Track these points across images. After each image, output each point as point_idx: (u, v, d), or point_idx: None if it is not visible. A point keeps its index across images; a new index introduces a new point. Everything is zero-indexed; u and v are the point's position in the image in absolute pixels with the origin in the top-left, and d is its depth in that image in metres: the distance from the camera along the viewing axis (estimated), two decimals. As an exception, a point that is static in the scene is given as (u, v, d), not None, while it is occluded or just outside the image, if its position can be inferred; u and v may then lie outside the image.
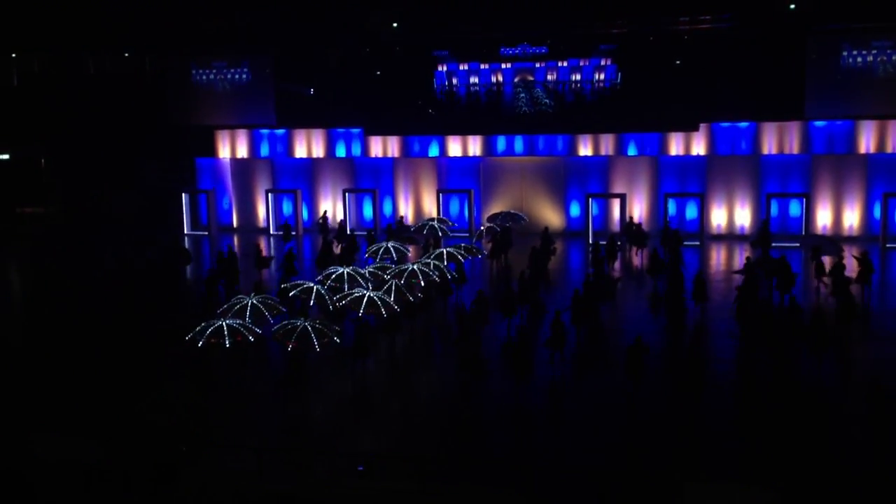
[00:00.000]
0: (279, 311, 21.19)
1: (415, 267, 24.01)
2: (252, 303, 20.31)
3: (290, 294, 22.41)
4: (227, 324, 18.64)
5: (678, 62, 41.06)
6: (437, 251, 27.12)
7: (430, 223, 33.48)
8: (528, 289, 24.65)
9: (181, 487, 11.64)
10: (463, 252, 26.98)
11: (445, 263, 25.55)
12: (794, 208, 36.66)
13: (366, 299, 20.62)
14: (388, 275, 23.71)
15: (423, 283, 23.90)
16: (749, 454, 14.42)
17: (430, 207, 40.57)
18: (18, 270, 36.77)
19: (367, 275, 23.67)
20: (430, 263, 24.85)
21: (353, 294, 21.19)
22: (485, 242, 34.08)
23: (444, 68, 45.75)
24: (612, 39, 43.68)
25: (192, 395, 16.96)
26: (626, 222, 35.81)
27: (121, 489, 12.05)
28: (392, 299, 21.10)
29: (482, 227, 34.98)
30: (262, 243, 34.24)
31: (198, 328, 18.65)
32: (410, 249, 31.24)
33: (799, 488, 12.78)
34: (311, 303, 22.05)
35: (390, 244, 27.81)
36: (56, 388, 19.10)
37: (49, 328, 24.82)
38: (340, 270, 23.55)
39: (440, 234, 33.11)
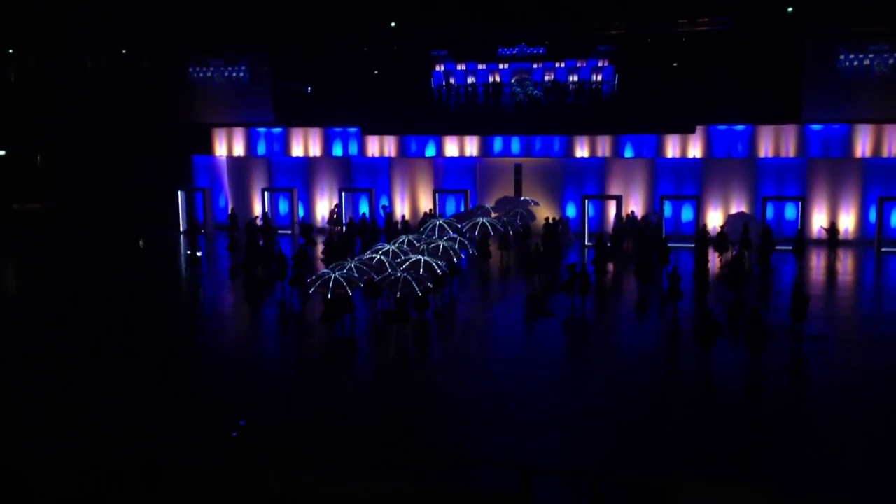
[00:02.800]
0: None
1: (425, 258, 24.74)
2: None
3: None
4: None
5: (675, 64, 41.18)
6: (433, 245, 27.32)
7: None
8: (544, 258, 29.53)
9: (173, 487, 11.63)
10: (456, 248, 27.59)
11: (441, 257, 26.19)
12: (790, 211, 36.73)
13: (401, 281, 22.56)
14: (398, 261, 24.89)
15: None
16: (747, 455, 14.46)
17: (427, 207, 40.58)
18: (13, 266, 36.71)
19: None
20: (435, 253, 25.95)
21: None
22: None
23: (442, 68, 45.86)
24: (610, 41, 43.83)
25: None
26: (700, 228, 33.36)
27: (114, 488, 12.04)
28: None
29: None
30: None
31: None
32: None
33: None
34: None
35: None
36: (51, 385, 19.09)
37: (43, 325, 24.81)
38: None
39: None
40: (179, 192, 42.69)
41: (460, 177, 40.77)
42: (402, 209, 41.05)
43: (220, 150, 44.28)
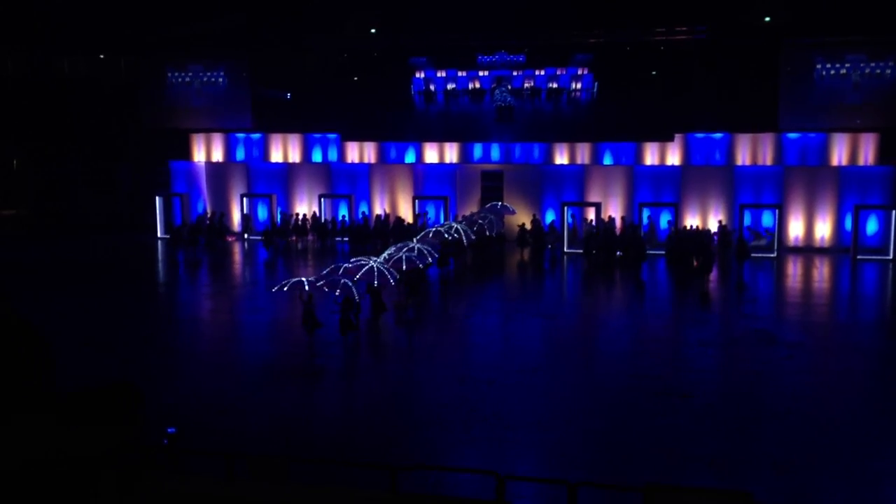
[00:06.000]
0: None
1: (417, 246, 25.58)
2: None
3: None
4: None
5: (654, 73, 41.43)
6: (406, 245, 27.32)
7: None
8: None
9: (148, 493, 11.51)
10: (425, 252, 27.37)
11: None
12: (767, 219, 37.02)
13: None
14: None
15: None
16: (720, 460, 14.51)
17: (407, 214, 40.57)
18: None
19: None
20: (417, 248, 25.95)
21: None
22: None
23: (422, 75, 45.87)
24: (589, 49, 44.01)
25: None
26: (721, 227, 35.76)
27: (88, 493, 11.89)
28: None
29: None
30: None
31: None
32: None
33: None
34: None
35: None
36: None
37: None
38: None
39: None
40: (157, 198, 42.45)
41: (440, 183, 40.80)
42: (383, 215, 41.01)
43: (199, 156, 44.09)
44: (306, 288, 21.00)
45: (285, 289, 20.98)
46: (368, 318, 23.91)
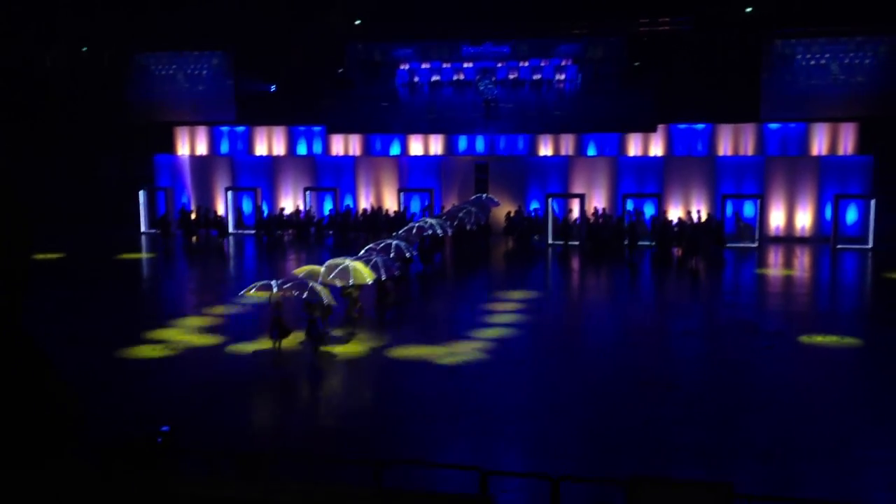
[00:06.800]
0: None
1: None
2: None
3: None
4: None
5: (637, 63, 41.60)
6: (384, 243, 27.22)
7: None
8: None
9: (135, 492, 11.63)
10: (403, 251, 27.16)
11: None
12: (749, 209, 37.32)
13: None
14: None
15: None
16: (703, 451, 14.76)
17: (392, 206, 40.63)
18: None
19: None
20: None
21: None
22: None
23: (407, 66, 45.82)
24: (573, 40, 44.09)
25: None
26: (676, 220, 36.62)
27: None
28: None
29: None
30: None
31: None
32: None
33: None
34: None
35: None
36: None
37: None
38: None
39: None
40: (141, 192, 42.28)
41: (425, 175, 40.86)
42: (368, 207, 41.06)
43: (183, 149, 43.97)
44: (275, 290, 19.40)
45: (251, 292, 19.55)
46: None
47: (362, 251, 24.32)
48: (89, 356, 19.79)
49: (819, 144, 37.94)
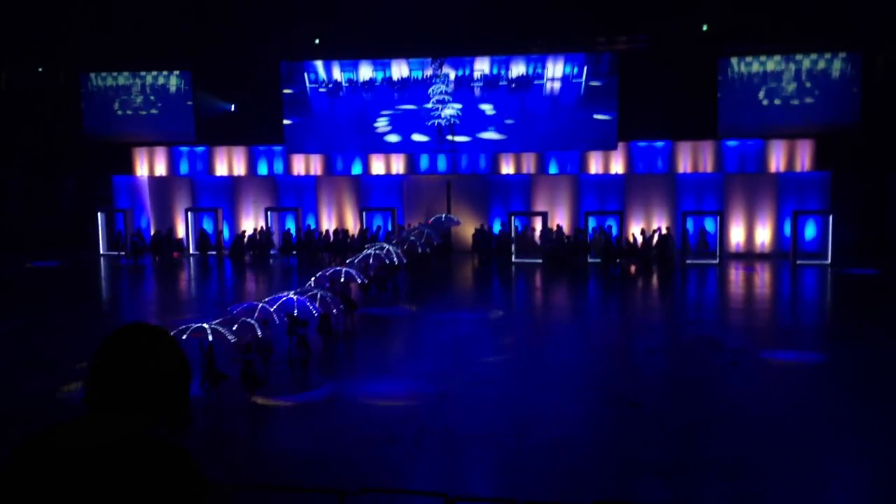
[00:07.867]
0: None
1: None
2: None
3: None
4: None
5: (596, 83, 41.83)
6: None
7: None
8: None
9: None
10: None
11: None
12: (710, 225, 37.61)
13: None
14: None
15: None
16: (670, 470, 14.72)
17: (354, 225, 40.40)
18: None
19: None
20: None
21: None
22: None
23: (367, 84, 45.61)
24: (533, 58, 44.21)
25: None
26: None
27: None
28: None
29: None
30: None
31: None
32: None
33: None
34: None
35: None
36: None
37: None
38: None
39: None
40: (99, 213, 41.61)
41: (387, 194, 40.69)
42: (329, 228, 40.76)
43: (142, 170, 43.40)
44: (209, 336, 17.59)
45: (184, 337, 17.06)
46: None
47: (311, 281, 23.77)
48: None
49: (777, 161, 38.42)
